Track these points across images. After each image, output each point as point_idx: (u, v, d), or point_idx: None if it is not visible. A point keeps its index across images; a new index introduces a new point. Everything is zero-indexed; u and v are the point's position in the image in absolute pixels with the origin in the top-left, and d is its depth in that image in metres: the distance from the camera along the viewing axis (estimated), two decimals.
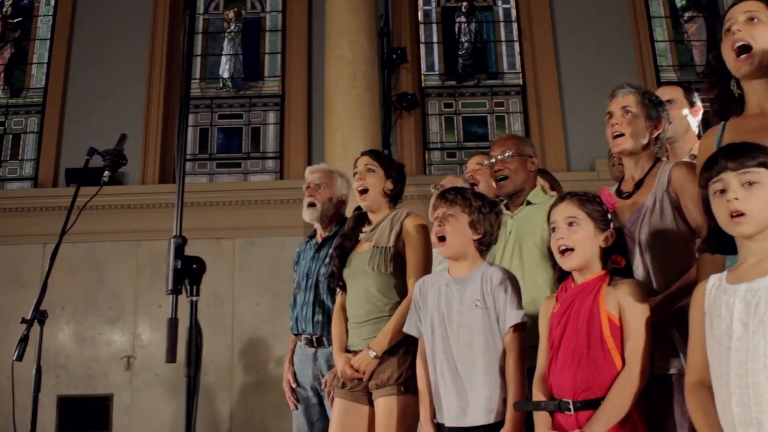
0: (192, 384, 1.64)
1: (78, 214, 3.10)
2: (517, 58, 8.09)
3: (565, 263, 2.20)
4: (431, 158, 7.78)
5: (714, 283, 1.80)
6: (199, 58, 8.09)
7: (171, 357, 1.61)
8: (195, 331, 1.66)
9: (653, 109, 2.50)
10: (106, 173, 3.06)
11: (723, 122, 2.17)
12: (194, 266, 1.69)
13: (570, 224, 2.19)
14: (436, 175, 7.32)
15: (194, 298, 1.69)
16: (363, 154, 3.22)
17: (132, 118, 7.34)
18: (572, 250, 2.17)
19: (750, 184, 1.71)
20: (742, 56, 2.00)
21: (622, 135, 2.48)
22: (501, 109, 7.96)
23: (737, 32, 2.00)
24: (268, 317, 6.83)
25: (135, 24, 7.76)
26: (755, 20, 2.01)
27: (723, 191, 1.74)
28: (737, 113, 2.12)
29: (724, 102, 2.16)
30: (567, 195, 2.29)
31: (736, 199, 1.71)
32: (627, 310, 2.09)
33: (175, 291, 1.67)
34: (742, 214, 1.70)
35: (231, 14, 8.24)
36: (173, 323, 1.62)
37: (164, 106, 7.58)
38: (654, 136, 2.51)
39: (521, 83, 8.00)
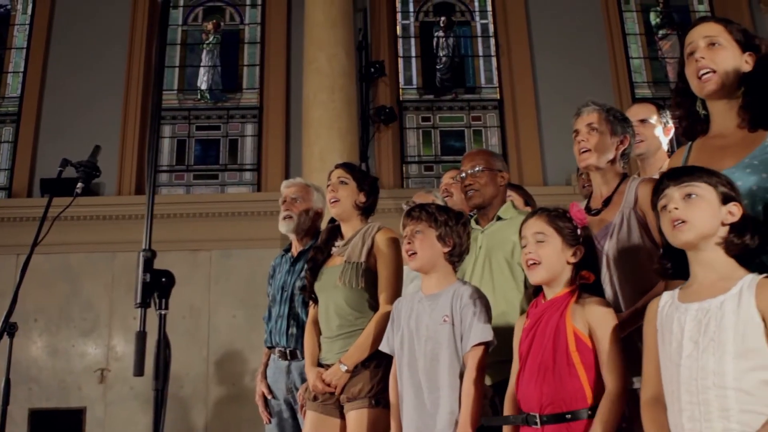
0: (160, 397, 1.65)
1: (50, 225, 3.08)
2: (495, 73, 8.17)
3: (532, 276, 2.24)
4: (408, 171, 7.82)
5: (666, 301, 1.86)
6: (177, 70, 8.09)
7: (139, 370, 1.62)
8: (163, 344, 1.66)
9: (618, 125, 2.55)
10: (79, 185, 3.04)
11: (690, 143, 2.21)
12: (163, 279, 1.69)
13: (538, 240, 2.23)
14: (413, 188, 7.36)
15: (163, 312, 1.69)
16: (337, 166, 3.25)
17: (109, 128, 7.32)
18: (539, 263, 2.20)
19: (690, 196, 1.79)
20: (705, 76, 2.04)
21: (588, 151, 2.52)
22: (478, 123, 8.03)
23: (700, 60, 2.05)
24: (244, 330, 6.80)
25: (113, 35, 7.75)
26: (716, 45, 2.05)
27: (666, 206, 1.82)
28: (703, 133, 2.17)
29: (690, 122, 2.21)
30: (538, 211, 2.33)
31: (676, 208, 1.79)
32: (599, 331, 2.12)
33: (144, 304, 1.67)
34: (683, 222, 1.77)
35: (210, 26, 8.25)
36: (141, 337, 1.63)
37: (141, 117, 7.57)
38: (620, 151, 2.55)
39: (498, 98, 8.08)
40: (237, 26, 8.32)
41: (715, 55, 2.05)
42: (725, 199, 1.78)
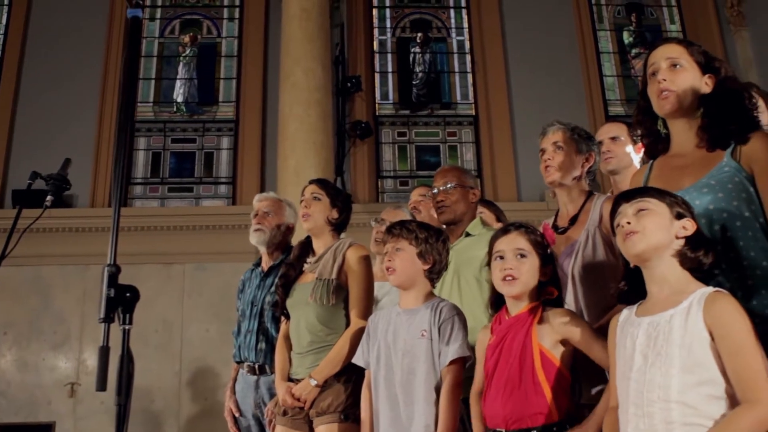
0: (123, 412, 1.64)
1: (20, 236, 3.05)
2: (470, 89, 8.25)
3: (508, 289, 2.24)
4: (384, 186, 7.84)
5: (625, 316, 1.89)
6: (153, 82, 8.06)
7: (101, 385, 1.61)
8: (127, 359, 1.66)
9: (583, 143, 2.60)
10: (49, 197, 3.03)
11: (652, 161, 2.26)
12: (128, 294, 1.69)
13: (519, 255, 2.24)
14: (389, 202, 7.37)
15: (126, 327, 1.69)
16: (311, 182, 3.27)
17: (83, 140, 7.29)
18: (517, 279, 2.22)
19: (641, 210, 1.83)
20: (663, 94, 2.09)
21: (554, 168, 2.56)
22: (453, 138, 8.09)
23: (662, 81, 2.09)
24: (217, 344, 6.75)
25: (89, 48, 7.71)
26: (678, 66, 2.10)
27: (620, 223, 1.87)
28: (664, 152, 2.21)
29: (652, 141, 2.25)
30: (513, 226, 2.34)
31: (628, 223, 1.83)
32: (571, 336, 2.17)
33: (108, 319, 1.67)
34: (633, 233, 1.81)
35: (186, 39, 8.24)
36: (104, 351, 1.62)
37: (116, 130, 7.51)
38: (586, 169, 2.60)
39: (474, 114, 8.14)
40: (214, 39, 8.32)
41: (676, 76, 2.09)
42: (679, 216, 1.82)
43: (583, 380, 2.32)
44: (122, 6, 7.78)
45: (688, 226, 1.81)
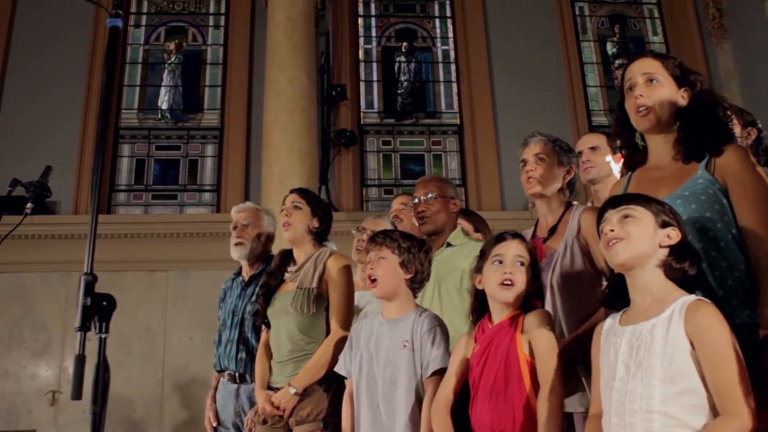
0: (98, 420, 1.64)
1: None
2: (455, 98, 8.29)
3: (503, 293, 2.23)
4: (368, 194, 7.85)
5: (609, 324, 1.90)
6: (137, 89, 8.05)
7: (77, 394, 1.61)
8: (102, 368, 1.66)
9: (564, 155, 2.63)
10: (29, 205, 3.02)
11: (630, 173, 2.28)
12: (104, 303, 1.69)
13: (519, 263, 2.25)
14: (373, 211, 7.38)
15: (103, 335, 1.69)
16: (292, 191, 3.27)
17: (67, 147, 7.27)
18: (514, 285, 2.23)
19: (626, 217, 1.84)
20: (642, 111, 2.12)
21: (535, 179, 2.59)
22: (438, 147, 8.12)
23: (639, 97, 2.12)
24: (201, 352, 6.72)
25: (72, 55, 7.69)
26: (654, 81, 2.13)
27: (604, 229, 1.87)
28: (642, 164, 2.24)
29: (630, 153, 2.28)
30: (510, 234, 2.33)
31: (612, 230, 1.83)
32: (534, 336, 2.16)
33: (84, 328, 1.67)
34: (617, 241, 1.82)
35: (172, 46, 8.24)
36: (80, 360, 1.62)
37: (95, 138, 7.49)
38: (566, 181, 2.62)
39: (458, 123, 8.18)
40: (199, 47, 8.32)
41: (653, 91, 2.12)
42: (664, 224, 1.82)
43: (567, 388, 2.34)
44: (106, 15, 7.75)
45: (673, 235, 1.81)
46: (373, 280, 2.58)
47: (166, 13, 8.45)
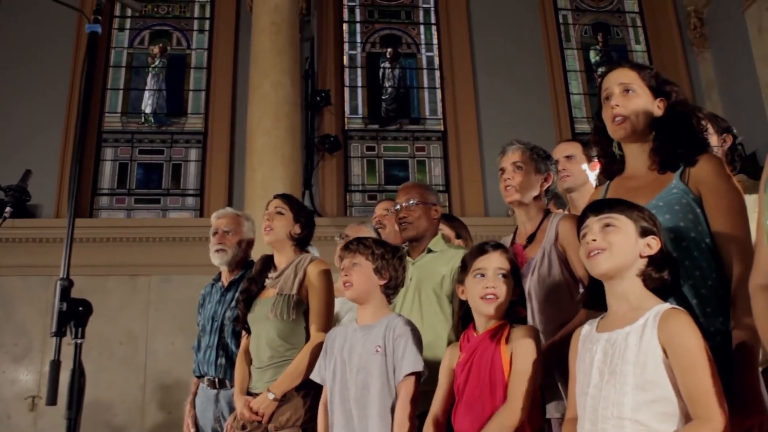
0: (72, 426, 1.64)
1: None
2: (439, 104, 8.32)
3: (486, 307, 2.24)
4: (352, 200, 7.86)
5: (587, 330, 1.91)
6: (121, 92, 8.02)
7: (52, 400, 1.61)
8: (78, 373, 1.66)
9: (541, 162, 2.65)
10: (8, 209, 3.01)
11: (608, 182, 2.31)
12: (80, 309, 1.69)
13: (501, 275, 2.26)
14: (357, 216, 7.39)
15: (78, 341, 1.69)
16: (275, 197, 3.28)
17: (49, 151, 7.22)
18: (497, 298, 2.24)
19: (608, 226, 1.84)
20: (617, 120, 2.14)
21: (513, 188, 2.61)
22: (422, 153, 8.15)
23: (616, 107, 2.15)
24: (182, 357, 6.67)
25: (55, 59, 7.65)
26: (630, 91, 2.15)
27: (586, 236, 1.88)
28: (620, 173, 2.26)
29: (607, 162, 2.31)
30: (491, 245, 2.34)
31: (594, 240, 1.84)
32: (517, 352, 2.17)
33: (59, 333, 1.67)
34: (599, 252, 1.82)
35: (156, 49, 8.22)
36: (55, 366, 1.62)
37: (73, 142, 7.45)
38: (544, 188, 2.65)
39: (442, 129, 8.21)
40: (184, 51, 8.30)
41: (629, 101, 2.15)
42: (644, 233, 1.83)
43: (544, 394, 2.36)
44: (102, 16, 7.73)
45: (653, 245, 1.82)
46: (348, 284, 2.59)
47: (150, 16, 8.43)
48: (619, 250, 1.81)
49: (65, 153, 7.38)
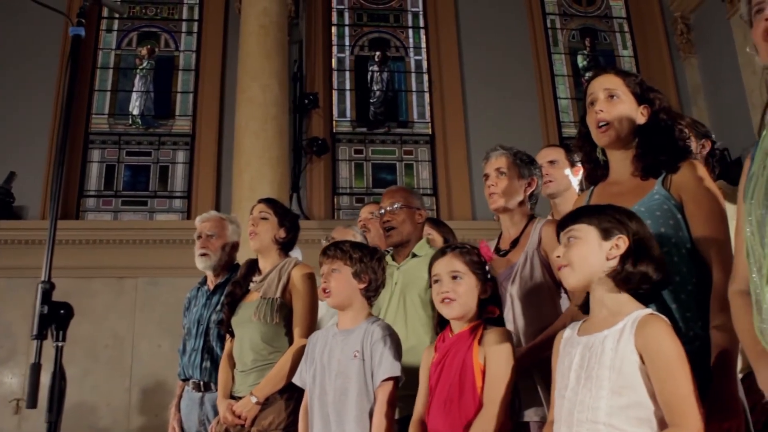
0: (53, 429, 1.64)
1: None
2: (427, 108, 8.33)
3: (447, 312, 2.28)
4: (340, 203, 7.86)
5: (569, 334, 1.92)
6: (108, 94, 7.99)
7: (32, 403, 1.61)
8: (59, 376, 1.65)
9: (525, 168, 2.66)
10: None
11: (592, 187, 2.33)
12: (61, 312, 1.69)
13: (454, 277, 2.28)
14: (344, 219, 7.38)
15: (60, 344, 1.69)
16: (259, 201, 3.29)
17: (35, 152, 7.18)
18: (454, 300, 2.26)
19: (570, 239, 1.86)
20: (602, 128, 2.16)
21: (498, 194, 2.62)
22: (410, 157, 8.16)
23: (599, 112, 2.16)
24: (169, 359, 6.65)
25: (42, 60, 7.60)
26: (614, 97, 2.17)
27: None
28: (604, 178, 2.28)
29: (591, 167, 2.32)
30: (449, 248, 2.37)
31: (558, 256, 1.87)
32: (490, 357, 2.18)
33: (40, 336, 1.67)
34: (564, 267, 1.85)
35: (144, 51, 8.19)
36: (35, 369, 1.62)
37: (69, 142, 7.39)
38: (528, 193, 2.66)
39: (430, 133, 8.22)
40: (172, 53, 8.28)
41: (613, 107, 2.17)
42: (608, 235, 1.82)
43: (523, 398, 2.37)
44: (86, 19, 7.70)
45: (621, 244, 1.81)
46: (328, 292, 2.60)
47: (138, 18, 8.41)
48: (580, 263, 1.82)
49: (51, 155, 7.33)
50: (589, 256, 1.82)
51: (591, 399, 1.73)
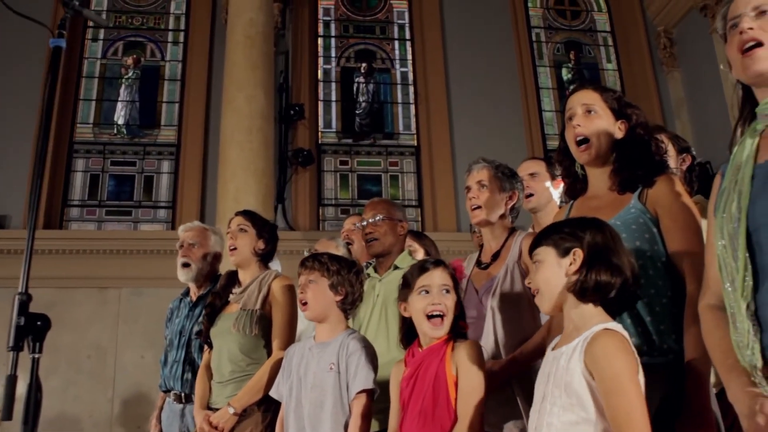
0: None
1: None
2: (413, 120, 8.36)
3: (438, 330, 2.25)
4: (325, 214, 7.86)
5: (549, 349, 1.94)
6: (93, 103, 7.96)
7: (7, 415, 1.60)
8: (35, 388, 1.65)
9: (506, 181, 2.68)
10: None
11: (572, 201, 2.35)
12: (38, 323, 1.69)
13: (445, 291, 2.28)
14: (330, 230, 7.38)
15: (36, 355, 1.68)
16: (237, 214, 3.29)
17: (19, 162, 7.14)
18: (445, 315, 2.25)
19: (535, 264, 1.90)
20: (581, 146, 2.18)
21: (479, 207, 2.63)
22: (395, 168, 8.18)
23: (577, 127, 2.19)
24: (152, 370, 6.60)
25: (25, 68, 7.57)
26: (592, 112, 2.20)
27: None
28: (583, 192, 2.30)
29: (570, 181, 2.35)
30: (432, 263, 2.36)
31: (529, 283, 1.91)
32: (462, 370, 2.18)
33: (17, 348, 1.66)
34: (537, 291, 1.88)
35: (129, 60, 8.17)
36: (11, 380, 1.61)
37: (53, 151, 7.40)
38: (509, 206, 2.68)
39: (416, 144, 8.25)
40: (157, 62, 8.26)
41: (590, 122, 2.19)
42: (565, 252, 1.84)
43: (499, 410, 2.38)
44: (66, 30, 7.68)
45: (577, 258, 1.82)
46: (305, 304, 2.60)
47: (124, 27, 8.40)
48: (545, 286, 1.85)
49: (35, 164, 7.29)
50: (551, 277, 1.85)
51: (547, 415, 1.75)
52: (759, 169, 1.56)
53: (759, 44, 1.61)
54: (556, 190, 3.27)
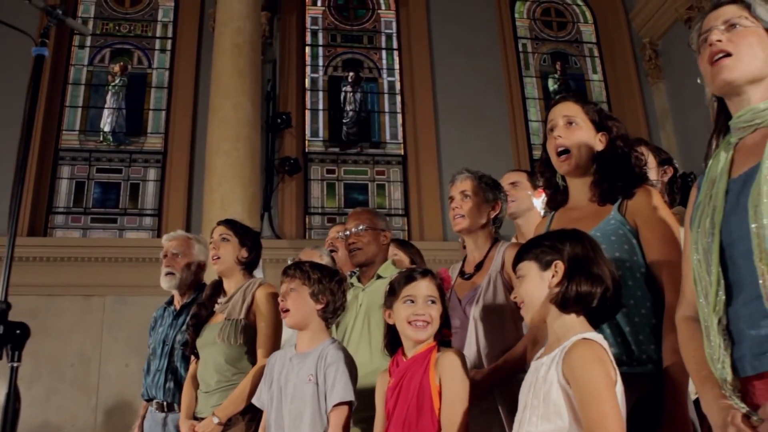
0: None
1: None
2: (400, 129, 8.39)
3: (421, 335, 2.26)
4: (312, 222, 7.86)
5: (534, 358, 1.95)
6: (80, 110, 7.94)
7: None
8: (13, 397, 1.64)
9: (490, 191, 2.70)
10: None
11: (553, 212, 2.36)
12: (18, 332, 1.68)
13: (431, 301, 2.28)
14: (316, 239, 7.38)
15: (15, 364, 1.67)
16: (219, 223, 3.29)
17: (3, 168, 7.10)
18: (430, 323, 2.26)
19: (519, 278, 1.92)
20: (562, 157, 2.20)
21: (461, 216, 2.65)
22: (382, 177, 8.20)
23: (558, 138, 2.21)
24: (136, 379, 6.47)
25: (10, 74, 7.52)
26: (573, 124, 2.22)
27: None
28: (564, 203, 2.32)
29: (552, 192, 2.36)
30: (420, 273, 2.36)
31: (515, 297, 1.93)
32: (445, 379, 2.18)
33: None
34: (522, 304, 1.90)
35: (116, 68, 8.16)
36: None
37: (38, 158, 7.37)
38: (492, 217, 2.70)
39: (402, 153, 8.29)
40: (144, 70, 8.25)
41: (572, 134, 2.21)
42: (547, 265, 1.86)
43: (482, 420, 2.38)
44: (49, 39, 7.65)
45: (558, 270, 1.85)
46: (286, 311, 2.60)
47: (111, 34, 8.38)
48: (529, 299, 1.87)
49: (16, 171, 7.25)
50: (534, 290, 1.87)
51: (527, 424, 1.76)
52: (733, 184, 1.57)
53: (728, 55, 1.63)
54: (537, 199, 3.30)
